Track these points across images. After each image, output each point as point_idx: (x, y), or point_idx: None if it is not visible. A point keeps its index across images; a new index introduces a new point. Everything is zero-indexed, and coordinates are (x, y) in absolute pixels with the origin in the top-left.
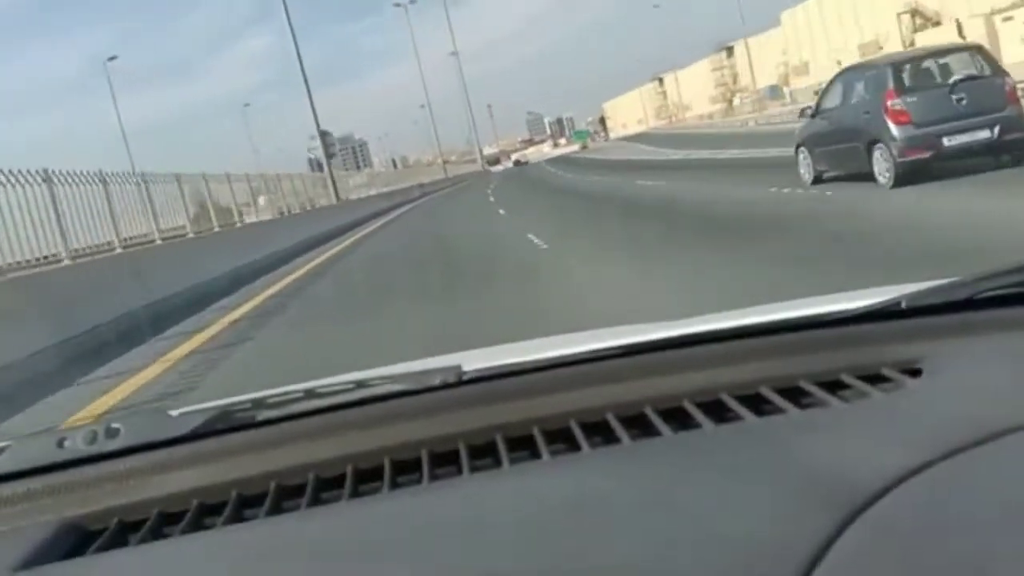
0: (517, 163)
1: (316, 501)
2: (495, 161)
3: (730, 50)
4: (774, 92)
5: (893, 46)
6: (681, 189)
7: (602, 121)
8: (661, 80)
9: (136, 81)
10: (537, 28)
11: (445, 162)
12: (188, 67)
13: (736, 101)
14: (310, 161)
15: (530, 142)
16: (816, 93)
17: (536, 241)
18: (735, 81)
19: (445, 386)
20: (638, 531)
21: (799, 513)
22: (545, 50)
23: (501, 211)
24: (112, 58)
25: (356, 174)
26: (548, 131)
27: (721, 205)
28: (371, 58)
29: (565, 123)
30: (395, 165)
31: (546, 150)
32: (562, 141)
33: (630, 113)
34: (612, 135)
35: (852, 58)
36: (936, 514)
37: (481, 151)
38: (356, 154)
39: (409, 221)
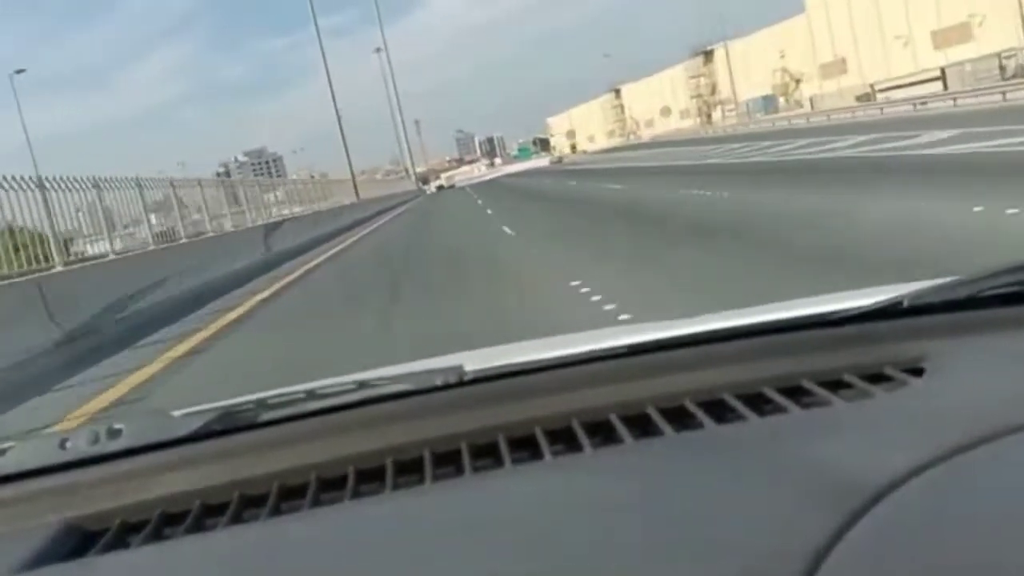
0: (441, 188)
1: (318, 502)
2: (424, 180)
3: (709, 55)
4: (768, 103)
5: (990, 27)
6: None
7: (543, 142)
8: (618, 92)
9: (47, 90)
10: (467, 47)
11: (373, 177)
12: (99, 78)
13: (717, 115)
14: (219, 176)
15: (460, 161)
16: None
17: None
18: (714, 91)
19: (447, 386)
20: (641, 531)
21: (803, 513)
22: (476, 69)
23: None
24: (20, 71)
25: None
26: (479, 150)
27: None
28: (293, 73)
29: (496, 143)
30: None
31: (477, 172)
32: (498, 161)
33: (583, 128)
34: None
35: (925, 48)
36: (940, 513)
37: (413, 167)
38: (270, 170)
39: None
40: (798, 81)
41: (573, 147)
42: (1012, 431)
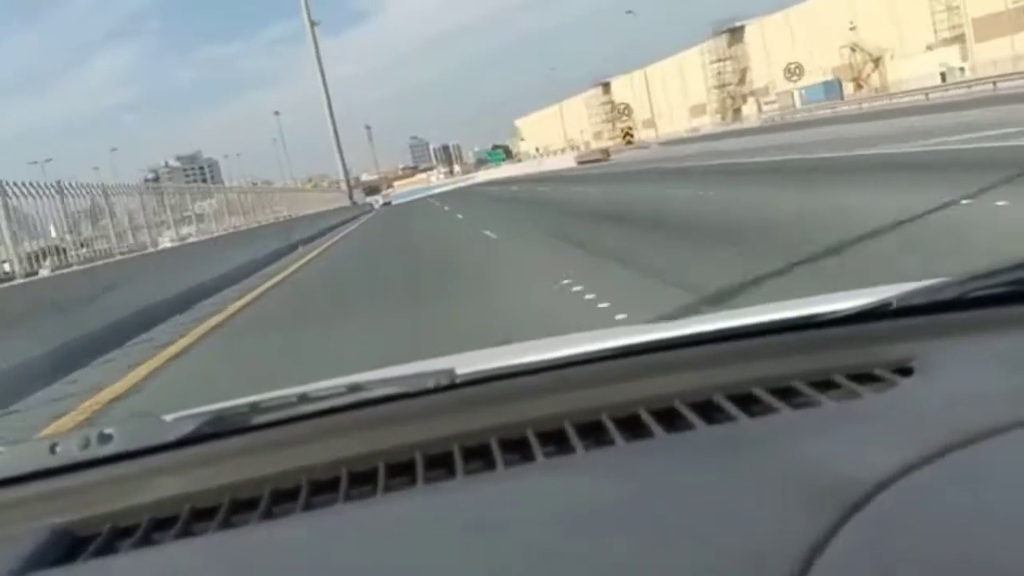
0: (388, 204)
1: (310, 505)
2: (373, 190)
3: (736, 33)
4: (830, 91)
5: None
6: None
7: (505, 149)
8: (607, 86)
9: None
10: (423, 56)
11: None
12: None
13: (747, 108)
14: (147, 183)
15: (414, 170)
16: None
17: None
18: (743, 79)
19: (438, 389)
20: (633, 532)
21: (793, 513)
22: (432, 78)
23: None
24: None
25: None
26: (434, 158)
27: None
28: (235, 78)
29: (452, 150)
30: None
31: (435, 180)
32: (457, 169)
33: (556, 130)
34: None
35: None
36: (929, 512)
37: (347, 178)
38: (204, 176)
39: None
40: (877, 60)
41: (628, 133)
42: (999, 431)
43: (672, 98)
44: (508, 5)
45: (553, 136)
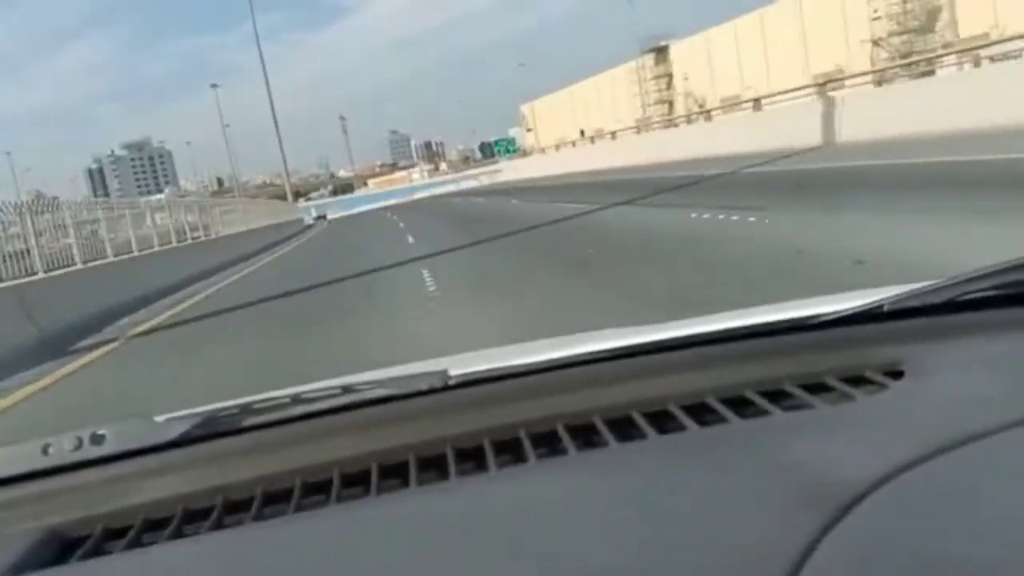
0: (321, 217)
1: (302, 507)
2: (346, 188)
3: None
4: None
5: None
6: None
7: (490, 146)
8: (662, 50)
9: None
10: (407, 52)
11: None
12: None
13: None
14: (90, 173)
15: (393, 167)
16: None
17: None
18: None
19: (432, 390)
20: (625, 533)
21: (785, 514)
22: (414, 75)
23: None
24: None
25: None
26: (415, 155)
27: None
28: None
29: (436, 147)
30: (220, 185)
31: (416, 177)
32: (444, 167)
33: (572, 119)
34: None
35: None
36: (919, 514)
37: (288, 184)
38: (155, 167)
39: None
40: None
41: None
42: (989, 433)
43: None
44: (491, 6)
45: (568, 126)
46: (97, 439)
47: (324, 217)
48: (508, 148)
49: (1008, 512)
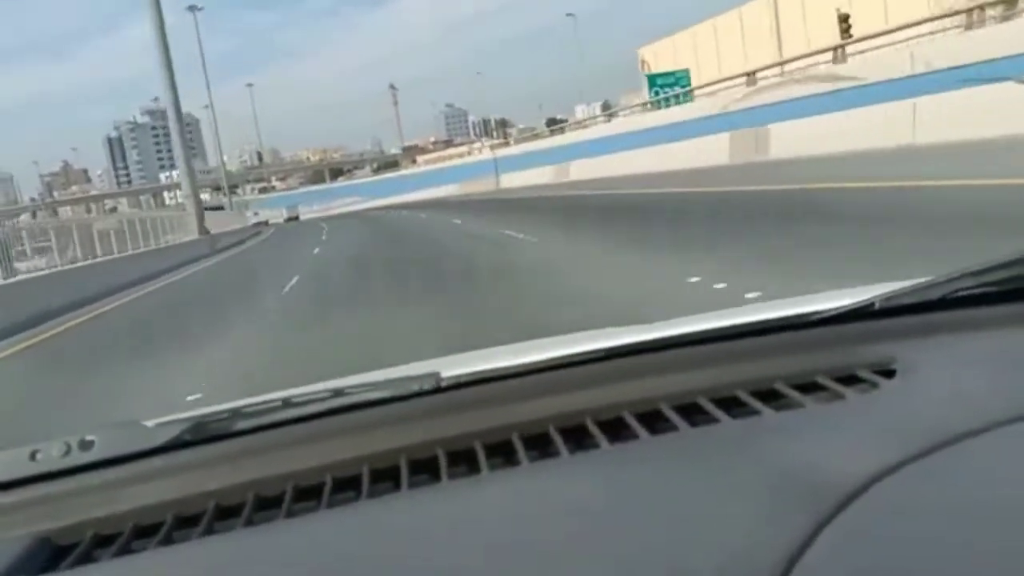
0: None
1: (294, 511)
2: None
3: None
4: None
5: None
6: None
7: (555, 121)
8: None
9: None
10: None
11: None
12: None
13: None
14: (109, 141)
15: (448, 143)
16: None
17: None
18: None
19: (423, 393)
20: (617, 534)
21: (776, 514)
22: (474, 55)
23: None
24: None
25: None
26: (472, 132)
27: None
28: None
29: (495, 124)
30: (259, 160)
31: (479, 156)
32: (512, 144)
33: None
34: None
35: None
36: (911, 513)
37: (226, 186)
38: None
39: None
40: None
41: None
42: (980, 431)
43: None
44: None
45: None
46: (86, 445)
47: (265, 223)
48: (680, 82)
49: (999, 510)
